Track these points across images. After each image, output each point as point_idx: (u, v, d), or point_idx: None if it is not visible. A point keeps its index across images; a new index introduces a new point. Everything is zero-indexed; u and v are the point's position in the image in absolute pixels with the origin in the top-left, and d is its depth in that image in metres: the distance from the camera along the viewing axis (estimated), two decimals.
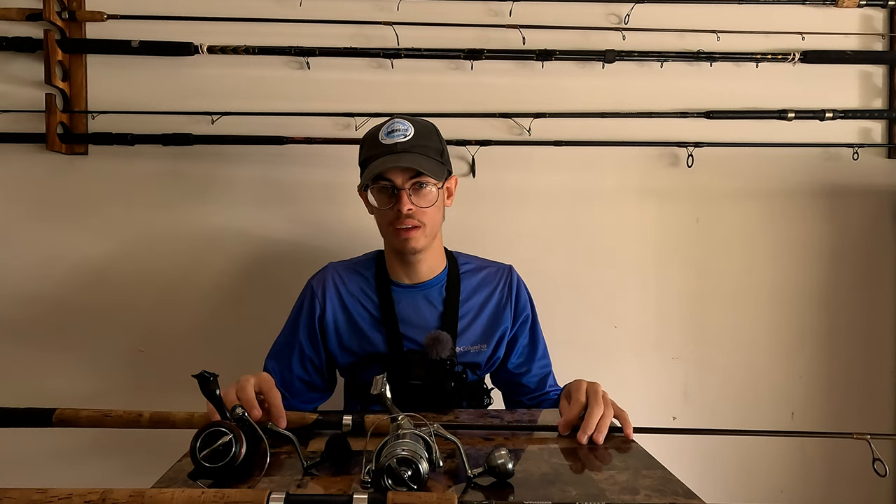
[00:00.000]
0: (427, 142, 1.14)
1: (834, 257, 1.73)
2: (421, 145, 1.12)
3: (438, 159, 1.15)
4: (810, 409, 1.75)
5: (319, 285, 1.24)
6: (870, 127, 1.71)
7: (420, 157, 1.11)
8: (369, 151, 1.15)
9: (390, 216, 1.13)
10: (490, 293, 1.26)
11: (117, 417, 0.90)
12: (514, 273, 1.30)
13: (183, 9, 1.56)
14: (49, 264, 1.61)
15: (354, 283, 1.24)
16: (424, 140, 1.14)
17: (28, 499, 0.58)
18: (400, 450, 0.68)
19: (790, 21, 1.65)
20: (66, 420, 0.89)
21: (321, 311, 1.22)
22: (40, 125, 1.53)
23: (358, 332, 1.21)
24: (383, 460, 0.67)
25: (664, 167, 1.69)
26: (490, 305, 1.25)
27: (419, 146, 1.12)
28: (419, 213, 1.12)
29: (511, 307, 1.26)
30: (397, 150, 1.10)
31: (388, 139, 1.12)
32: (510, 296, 1.26)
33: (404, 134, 1.12)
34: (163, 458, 0.84)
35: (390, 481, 0.67)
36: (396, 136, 1.11)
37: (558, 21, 1.62)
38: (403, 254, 1.17)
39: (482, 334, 1.23)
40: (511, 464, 0.74)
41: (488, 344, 1.24)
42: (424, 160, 1.11)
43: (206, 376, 0.78)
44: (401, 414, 0.77)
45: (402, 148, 1.10)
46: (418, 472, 0.67)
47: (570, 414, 0.92)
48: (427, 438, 0.72)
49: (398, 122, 1.14)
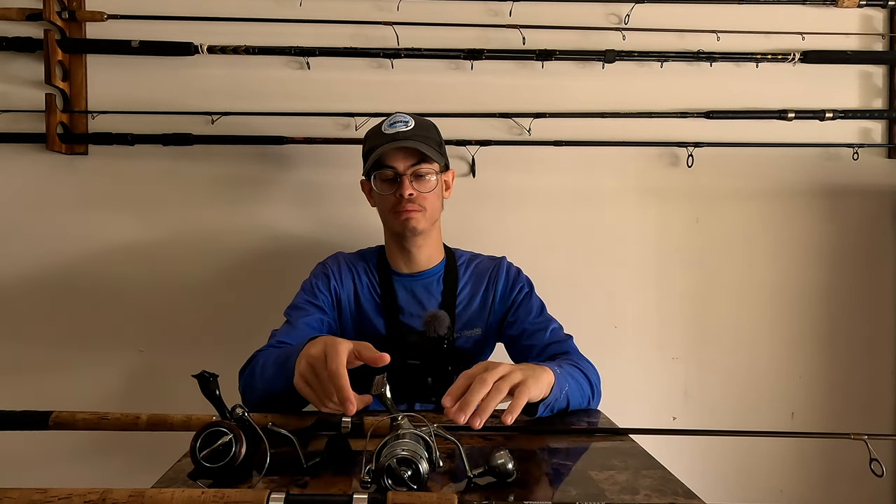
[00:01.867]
0: (427, 133, 1.22)
1: (834, 257, 1.73)
2: (421, 135, 1.20)
3: (437, 149, 1.22)
4: (810, 409, 1.75)
5: (335, 263, 1.30)
6: (870, 127, 1.71)
7: (421, 144, 1.18)
8: (372, 142, 1.22)
9: (392, 201, 1.20)
10: (483, 279, 1.30)
11: (114, 420, 0.89)
12: (504, 261, 1.33)
13: (183, 9, 1.56)
14: (49, 264, 1.61)
15: (361, 269, 1.30)
16: (424, 131, 1.21)
17: (28, 499, 0.58)
18: (400, 450, 0.68)
19: (790, 21, 1.65)
20: (63, 423, 0.89)
21: (337, 283, 1.27)
22: (40, 125, 1.53)
23: (362, 314, 1.27)
24: (383, 460, 0.67)
25: (664, 167, 1.69)
26: (481, 290, 1.29)
27: (419, 135, 1.19)
28: (420, 198, 1.19)
29: (501, 287, 1.28)
30: (399, 138, 1.17)
31: (390, 129, 1.19)
32: (499, 278, 1.29)
33: (405, 124, 1.20)
34: (163, 459, 0.84)
35: (390, 481, 0.67)
36: (398, 126, 1.19)
37: (558, 21, 1.62)
38: (403, 237, 1.22)
39: (475, 318, 1.28)
40: (511, 464, 0.73)
41: (482, 328, 1.28)
42: (425, 146, 1.18)
43: (206, 376, 0.78)
44: (400, 414, 0.77)
45: (403, 136, 1.18)
46: (418, 472, 0.67)
47: (453, 385, 0.80)
48: (427, 438, 0.72)
49: (400, 114, 1.22)
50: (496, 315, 1.29)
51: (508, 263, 1.33)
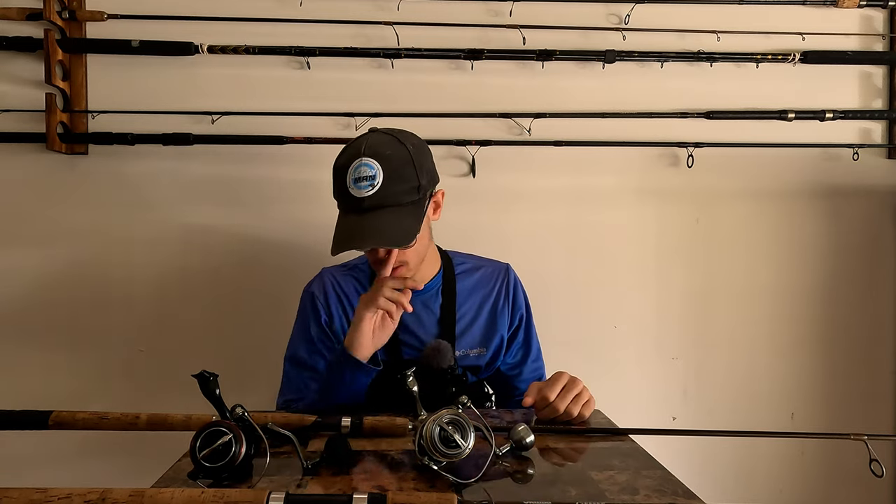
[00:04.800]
0: (398, 185, 1.03)
1: (834, 257, 1.73)
2: (391, 193, 1.02)
3: (414, 198, 1.05)
4: (810, 409, 1.75)
5: (320, 290, 1.22)
6: (870, 127, 1.71)
7: (390, 214, 1.02)
8: (337, 195, 1.08)
9: (372, 257, 1.11)
10: (487, 294, 1.24)
11: (114, 420, 0.89)
12: (511, 272, 1.28)
13: (183, 9, 1.56)
14: (49, 264, 1.61)
15: (352, 288, 1.22)
16: (395, 184, 1.03)
17: (28, 498, 0.58)
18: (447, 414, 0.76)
19: (790, 21, 1.65)
20: (63, 423, 0.89)
21: (328, 317, 1.20)
22: (40, 125, 1.53)
23: None
24: (430, 425, 0.75)
25: (664, 167, 1.69)
26: (487, 307, 1.23)
27: (389, 196, 1.02)
28: (401, 256, 1.08)
29: (509, 309, 1.24)
30: (364, 208, 1.02)
31: (354, 189, 1.02)
32: (507, 297, 1.25)
33: (371, 183, 1.01)
34: (163, 458, 0.84)
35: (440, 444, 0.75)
36: (363, 188, 1.01)
37: (558, 21, 1.62)
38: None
39: (481, 338, 1.22)
40: (530, 437, 0.83)
41: (487, 348, 1.22)
42: (393, 221, 1.03)
43: (206, 376, 0.78)
44: (424, 413, 0.80)
45: (369, 204, 1.01)
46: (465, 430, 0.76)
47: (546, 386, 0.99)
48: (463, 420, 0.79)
49: (365, 164, 1.02)
50: (504, 343, 1.24)
51: (517, 279, 1.27)
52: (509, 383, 1.27)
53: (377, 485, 0.74)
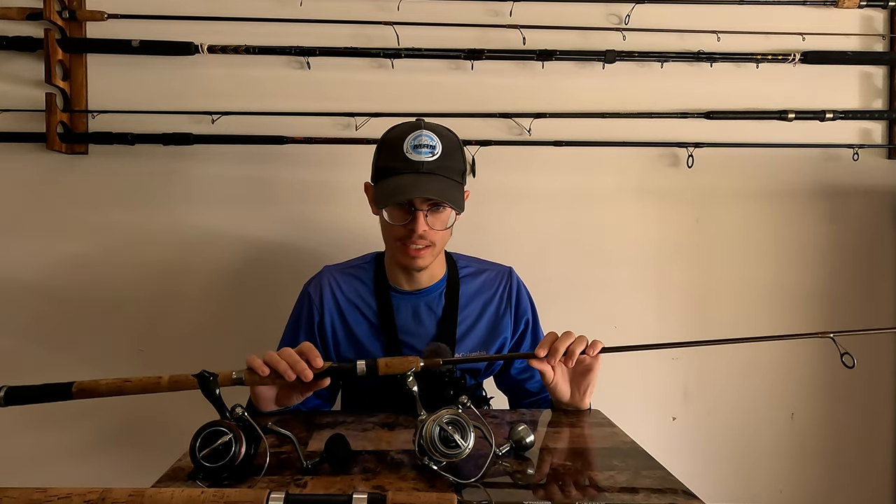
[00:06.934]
0: (452, 162, 1.08)
1: (834, 257, 1.73)
2: (447, 166, 1.07)
3: (460, 181, 1.10)
4: (810, 409, 1.75)
5: (317, 292, 1.21)
6: (870, 127, 1.71)
7: (445, 181, 1.06)
8: (391, 161, 1.08)
9: (401, 232, 1.09)
10: (489, 298, 1.23)
11: (137, 383, 0.88)
12: (514, 276, 1.27)
13: (183, 8, 1.56)
14: (49, 264, 1.61)
15: (352, 288, 1.21)
16: (450, 160, 1.08)
17: (28, 498, 0.58)
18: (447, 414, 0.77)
19: (790, 22, 1.65)
20: (86, 390, 0.87)
21: (320, 318, 1.19)
22: (40, 125, 1.53)
23: (355, 341, 1.19)
24: (430, 425, 0.75)
25: (664, 167, 1.69)
26: (489, 311, 1.23)
27: (445, 167, 1.06)
28: (431, 234, 1.08)
29: (511, 314, 1.24)
30: (423, 171, 1.05)
31: (414, 154, 1.05)
32: (510, 302, 1.24)
33: (432, 151, 1.06)
34: (163, 458, 0.84)
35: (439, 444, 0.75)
36: (423, 154, 1.05)
37: (558, 21, 1.62)
38: (407, 269, 1.16)
39: (481, 342, 1.21)
40: (530, 437, 0.83)
41: (487, 352, 1.22)
42: (449, 187, 1.06)
43: (206, 376, 0.78)
44: (424, 413, 0.81)
45: (427, 168, 1.05)
46: (465, 430, 0.76)
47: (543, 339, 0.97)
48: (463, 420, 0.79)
49: (426, 135, 1.07)
50: (506, 348, 1.23)
51: (520, 283, 1.27)
52: (521, 386, 1.27)
53: (377, 485, 0.74)
